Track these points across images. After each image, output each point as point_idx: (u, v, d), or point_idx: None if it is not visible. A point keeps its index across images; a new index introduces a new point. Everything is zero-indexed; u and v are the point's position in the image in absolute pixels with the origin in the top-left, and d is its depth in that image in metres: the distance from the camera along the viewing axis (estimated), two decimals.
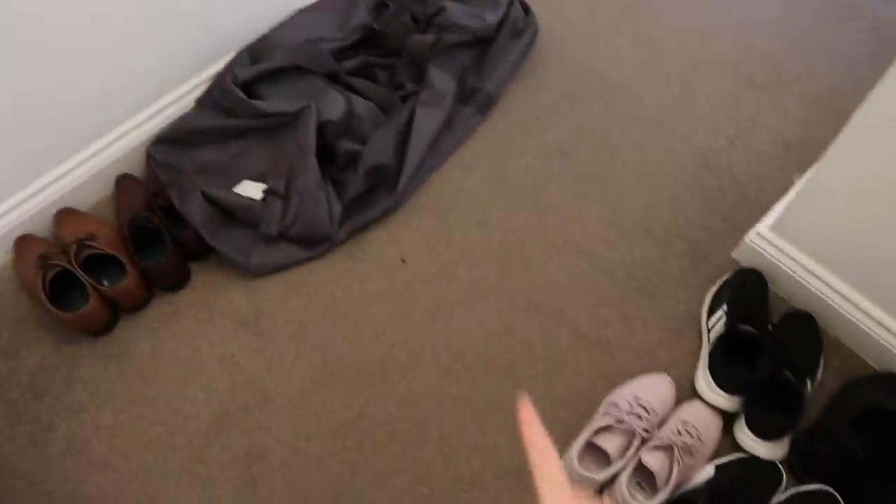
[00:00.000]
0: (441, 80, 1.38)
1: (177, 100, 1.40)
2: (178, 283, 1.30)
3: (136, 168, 1.40)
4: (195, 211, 1.27)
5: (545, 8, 1.61)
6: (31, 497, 1.13)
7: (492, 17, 1.43)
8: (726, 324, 1.17)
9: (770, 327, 1.21)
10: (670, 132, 1.50)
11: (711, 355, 1.17)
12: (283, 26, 1.45)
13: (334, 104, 1.31)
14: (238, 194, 1.29)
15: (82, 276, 1.20)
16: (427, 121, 1.36)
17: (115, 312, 1.27)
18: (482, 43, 1.46)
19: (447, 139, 1.41)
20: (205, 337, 1.26)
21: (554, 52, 1.61)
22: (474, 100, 1.45)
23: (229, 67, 1.39)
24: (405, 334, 1.26)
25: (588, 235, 1.36)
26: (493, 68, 1.46)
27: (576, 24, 1.68)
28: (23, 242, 1.30)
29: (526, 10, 1.52)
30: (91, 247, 1.23)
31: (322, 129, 1.28)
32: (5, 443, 1.17)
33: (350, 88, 1.39)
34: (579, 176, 1.44)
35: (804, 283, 1.19)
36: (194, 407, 1.20)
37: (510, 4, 1.47)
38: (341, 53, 1.44)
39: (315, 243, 1.30)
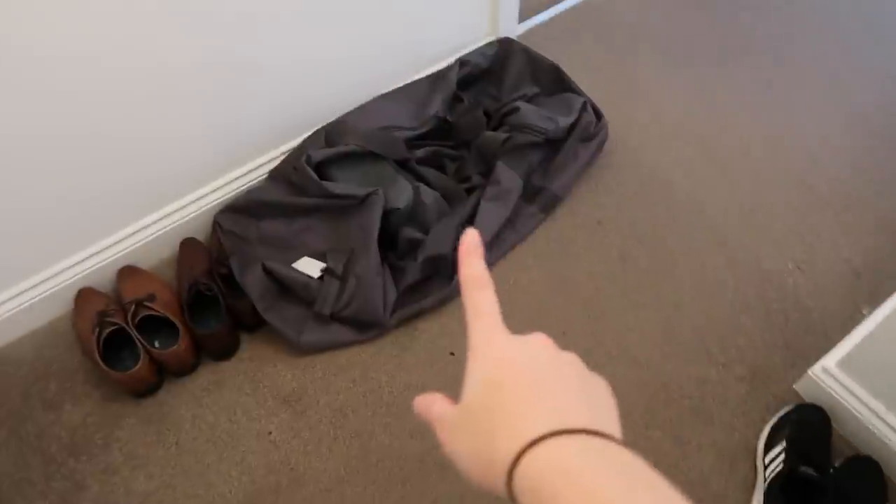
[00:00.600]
0: (508, 177, 1.38)
1: (250, 171, 1.44)
2: (227, 352, 1.30)
3: (201, 232, 1.43)
4: (253, 282, 1.28)
5: (616, 114, 1.62)
6: None
7: (564, 121, 1.44)
8: (785, 462, 1.11)
9: (832, 470, 1.14)
10: (733, 245, 1.47)
11: (767, 495, 1.10)
12: (360, 110, 1.49)
13: (402, 192, 1.32)
14: (297, 270, 1.30)
15: (137, 337, 1.21)
16: (491, 215, 1.36)
17: (162, 375, 1.27)
18: (552, 144, 1.47)
19: (508, 235, 1.41)
20: (245, 411, 1.25)
21: (621, 158, 1.61)
22: (539, 199, 1.45)
23: (304, 146, 1.42)
24: None
25: (644, 345, 1.32)
26: (560, 170, 1.46)
27: (645, 131, 1.69)
28: (83, 296, 1.32)
29: (598, 115, 1.53)
30: (148, 307, 1.25)
31: (387, 215, 1.29)
32: (38, 497, 1.16)
33: (418, 176, 1.41)
34: (638, 283, 1.41)
35: (872, 427, 1.13)
36: (226, 483, 1.18)
37: (583, 109, 1.49)
38: (413, 142, 1.47)
39: (367, 327, 1.30)
